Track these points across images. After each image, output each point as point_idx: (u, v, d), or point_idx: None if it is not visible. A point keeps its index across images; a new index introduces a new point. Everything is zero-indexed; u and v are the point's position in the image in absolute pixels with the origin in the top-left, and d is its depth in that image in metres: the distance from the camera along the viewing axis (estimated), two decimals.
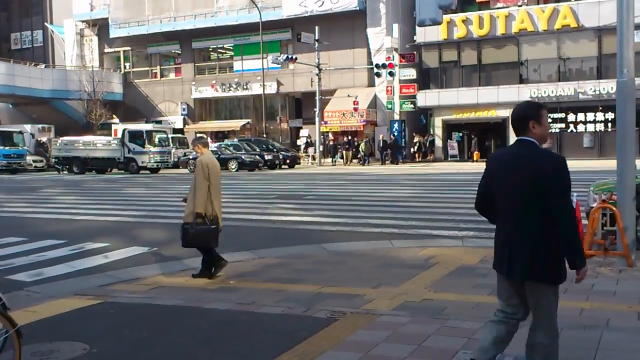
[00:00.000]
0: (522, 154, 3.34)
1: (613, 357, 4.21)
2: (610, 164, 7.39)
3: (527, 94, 33.40)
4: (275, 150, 33.87)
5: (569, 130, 33.35)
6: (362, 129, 37.20)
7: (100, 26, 46.25)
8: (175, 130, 41.33)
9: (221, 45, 44.24)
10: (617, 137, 7.46)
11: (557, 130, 33.58)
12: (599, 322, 5.03)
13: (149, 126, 36.88)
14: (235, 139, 36.74)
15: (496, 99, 34.04)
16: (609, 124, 31.15)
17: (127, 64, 47.40)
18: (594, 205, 7.71)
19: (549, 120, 29.80)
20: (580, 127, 33.01)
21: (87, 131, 40.65)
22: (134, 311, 5.82)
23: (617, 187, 7.44)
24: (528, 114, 3.39)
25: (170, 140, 34.07)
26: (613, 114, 25.43)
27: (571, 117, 33.19)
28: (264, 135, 38.03)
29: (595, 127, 32.76)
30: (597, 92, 31.73)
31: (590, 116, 32.55)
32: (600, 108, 32.03)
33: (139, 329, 5.21)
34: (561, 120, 33.41)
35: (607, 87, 30.67)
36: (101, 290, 6.75)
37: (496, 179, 3.45)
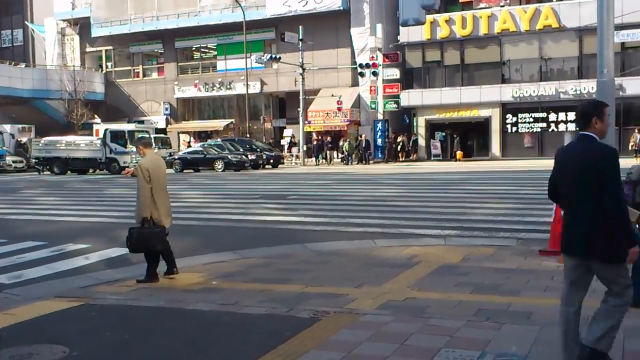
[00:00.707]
0: (584, 147, 3.77)
1: None
2: None
3: (509, 93, 33.70)
4: (258, 150, 33.79)
5: (550, 130, 33.69)
6: (345, 128, 37.24)
7: (82, 25, 45.79)
8: (157, 130, 41.00)
9: (204, 45, 44.02)
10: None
11: (539, 130, 33.92)
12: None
13: (131, 126, 36.56)
14: (219, 139, 36.59)
15: (479, 99, 34.30)
16: None
17: (109, 64, 46.96)
18: None
19: (531, 119, 29.88)
20: (562, 127, 33.36)
21: (68, 131, 40.15)
22: (115, 313, 5.76)
23: None
24: (592, 111, 3.81)
25: (153, 140, 33.80)
26: None
27: (552, 116, 33.53)
28: (248, 135, 37.91)
29: (575, 127, 33.10)
30: (578, 92, 32.07)
31: (571, 115, 32.89)
32: None
33: (121, 331, 5.16)
34: (542, 119, 33.74)
35: (588, 86, 31.02)
36: (82, 291, 6.67)
37: (561, 169, 3.90)
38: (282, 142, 40.37)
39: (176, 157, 32.52)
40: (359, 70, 35.07)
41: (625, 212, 3.64)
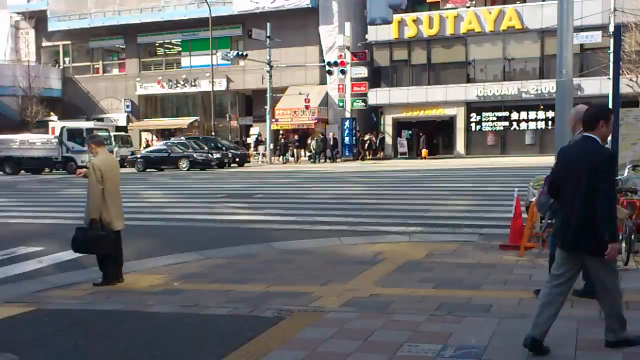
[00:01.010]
0: (586, 148, 4.05)
1: (547, 343, 4.36)
2: (550, 160, 7.68)
3: (473, 93, 34.23)
4: (224, 148, 33.53)
5: (512, 128, 34.38)
6: (313, 126, 37.29)
7: (38, 19, 44.65)
8: (118, 128, 40.36)
9: (168, 41, 43.44)
10: (555, 135, 7.75)
11: (501, 128, 34.54)
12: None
13: (89, 124, 35.85)
14: (182, 137, 36.20)
15: (444, 98, 34.76)
16: (549, 122, 32.27)
17: (67, 59, 45.95)
18: (533, 199, 7.97)
19: (495, 118, 30.36)
20: (523, 125, 34.09)
21: (22, 129, 39.02)
22: (69, 318, 5.57)
23: None
24: (601, 114, 4.08)
25: (113, 138, 33.21)
26: (553, 113, 26.34)
27: (514, 115, 34.23)
28: (213, 134, 37.62)
29: (536, 125, 33.92)
30: (539, 92, 32.80)
31: (532, 114, 33.66)
32: (542, 107, 33.10)
33: (75, 336, 5.01)
34: (505, 118, 34.40)
35: (549, 86, 31.73)
36: (34, 297, 6.45)
37: (562, 169, 4.20)
38: (249, 140, 40.17)
39: (138, 155, 32.03)
40: (327, 68, 35.14)
41: (614, 211, 3.98)
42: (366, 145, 36.34)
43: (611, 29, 27.71)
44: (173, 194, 18.32)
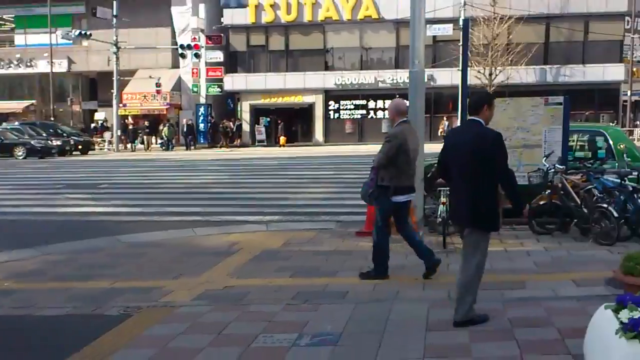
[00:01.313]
0: (472, 130, 4.46)
1: (400, 324, 4.60)
2: None
3: (332, 81, 35.11)
4: (65, 135, 31.46)
5: (369, 117, 35.77)
6: (165, 112, 36.18)
7: None
8: None
9: (0, 16, 39.80)
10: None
11: (359, 117, 35.83)
12: (389, 295, 5.46)
13: None
14: (16, 122, 33.40)
15: (303, 85, 35.28)
16: None
17: None
18: None
19: (352, 106, 31.40)
20: (380, 114, 35.58)
21: None
22: None
23: None
24: (485, 99, 4.55)
25: None
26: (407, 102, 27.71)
27: (371, 104, 35.64)
28: (52, 119, 35.14)
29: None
30: (395, 81, 34.41)
31: (388, 103, 35.14)
32: (398, 96, 34.64)
33: None
34: (362, 107, 35.70)
35: (404, 76, 33.36)
36: None
37: (451, 150, 4.53)
38: (93, 125, 38.02)
39: None
40: (180, 51, 34.22)
41: (515, 181, 4.53)
42: (222, 132, 35.97)
43: (461, 22, 29.75)
44: (7, 185, 16.84)
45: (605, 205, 7.23)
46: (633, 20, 32.28)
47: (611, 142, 8.76)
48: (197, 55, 34.63)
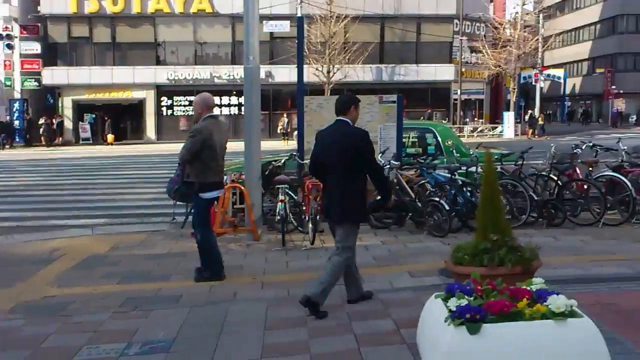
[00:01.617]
0: (341, 130, 4.82)
1: (238, 325, 4.54)
2: (243, 145, 8.05)
3: (164, 75, 34.13)
4: None
5: None
6: None
7: None
8: None
9: None
10: (244, 120, 8.13)
11: (194, 113, 35.12)
12: (227, 296, 5.39)
13: None
14: None
15: (132, 80, 33.91)
16: (242, 108, 33.93)
17: None
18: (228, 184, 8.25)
19: (187, 102, 30.90)
20: (216, 110, 35.21)
21: None
22: None
23: (244, 167, 8.12)
24: (352, 101, 4.93)
25: None
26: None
27: None
28: None
29: (230, 111, 35.42)
30: (232, 77, 34.30)
31: (225, 100, 35.01)
32: (234, 92, 34.71)
33: None
34: None
35: (241, 72, 33.15)
36: None
37: (323, 149, 4.85)
38: None
39: None
40: None
41: (384, 175, 5.02)
42: (41, 130, 33.45)
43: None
44: None
45: (437, 199, 7.75)
46: (461, 23, 35.08)
47: (440, 139, 9.43)
48: (9, 46, 32.31)
